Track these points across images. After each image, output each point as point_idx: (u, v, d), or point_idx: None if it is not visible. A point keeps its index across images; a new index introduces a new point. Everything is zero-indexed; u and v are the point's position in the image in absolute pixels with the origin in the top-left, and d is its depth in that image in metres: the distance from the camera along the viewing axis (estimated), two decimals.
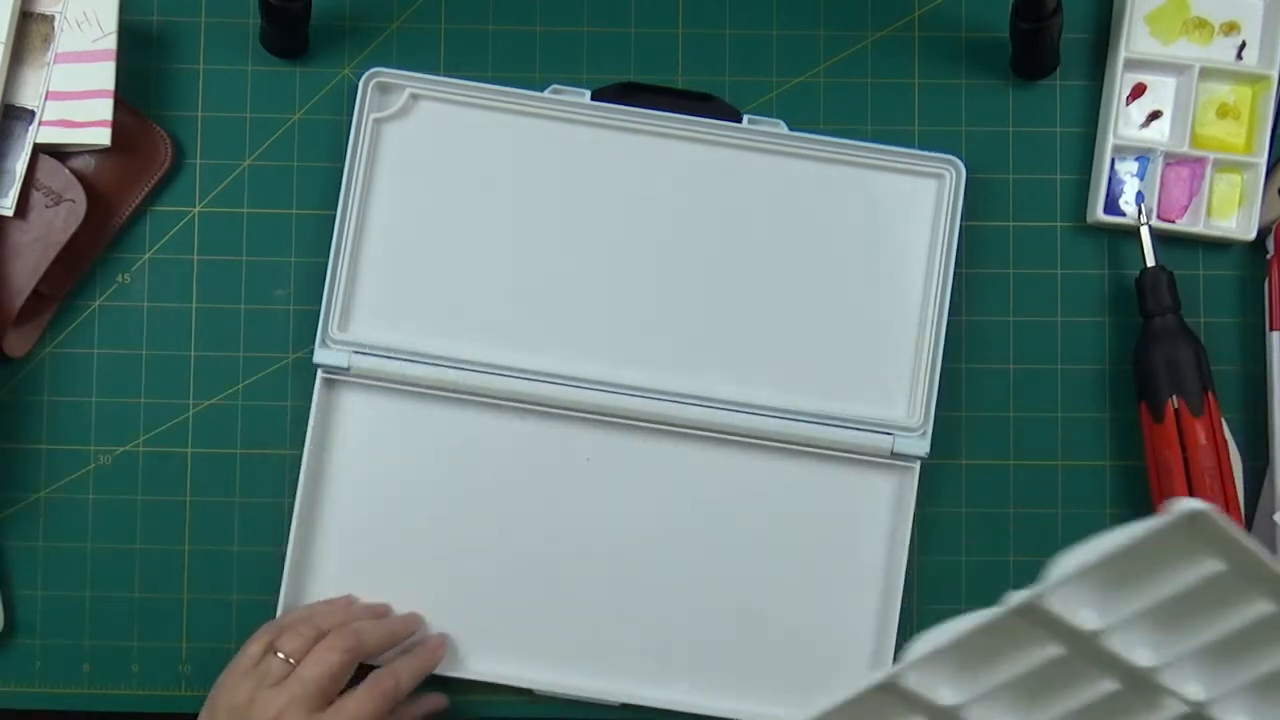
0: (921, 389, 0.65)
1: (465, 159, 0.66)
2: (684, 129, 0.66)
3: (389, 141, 0.66)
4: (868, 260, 0.66)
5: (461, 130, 0.66)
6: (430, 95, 0.66)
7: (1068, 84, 0.69)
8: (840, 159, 0.66)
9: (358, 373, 0.65)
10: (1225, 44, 0.68)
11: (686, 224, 0.66)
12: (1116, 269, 0.69)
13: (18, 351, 0.67)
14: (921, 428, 0.65)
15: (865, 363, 0.66)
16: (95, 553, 0.67)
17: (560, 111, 0.66)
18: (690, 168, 0.66)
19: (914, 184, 0.67)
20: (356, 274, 0.66)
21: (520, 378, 0.65)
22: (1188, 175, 0.68)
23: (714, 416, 0.65)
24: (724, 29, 0.69)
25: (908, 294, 0.66)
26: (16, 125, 0.65)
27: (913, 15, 0.69)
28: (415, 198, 0.66)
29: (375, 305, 0.66)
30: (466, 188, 0.66)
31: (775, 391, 0.66)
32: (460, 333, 0.66)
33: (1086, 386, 0.68)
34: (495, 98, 0.66)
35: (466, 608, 0.66)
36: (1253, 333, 0.68)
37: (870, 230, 0.66)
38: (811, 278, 0.66)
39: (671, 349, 0.66)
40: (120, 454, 0.68)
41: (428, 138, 0.66)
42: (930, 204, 0.66)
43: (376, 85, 0.66)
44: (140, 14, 0.68)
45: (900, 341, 0.66)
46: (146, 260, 0.68)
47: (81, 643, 0.67)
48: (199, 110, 0.69)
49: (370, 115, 0.65)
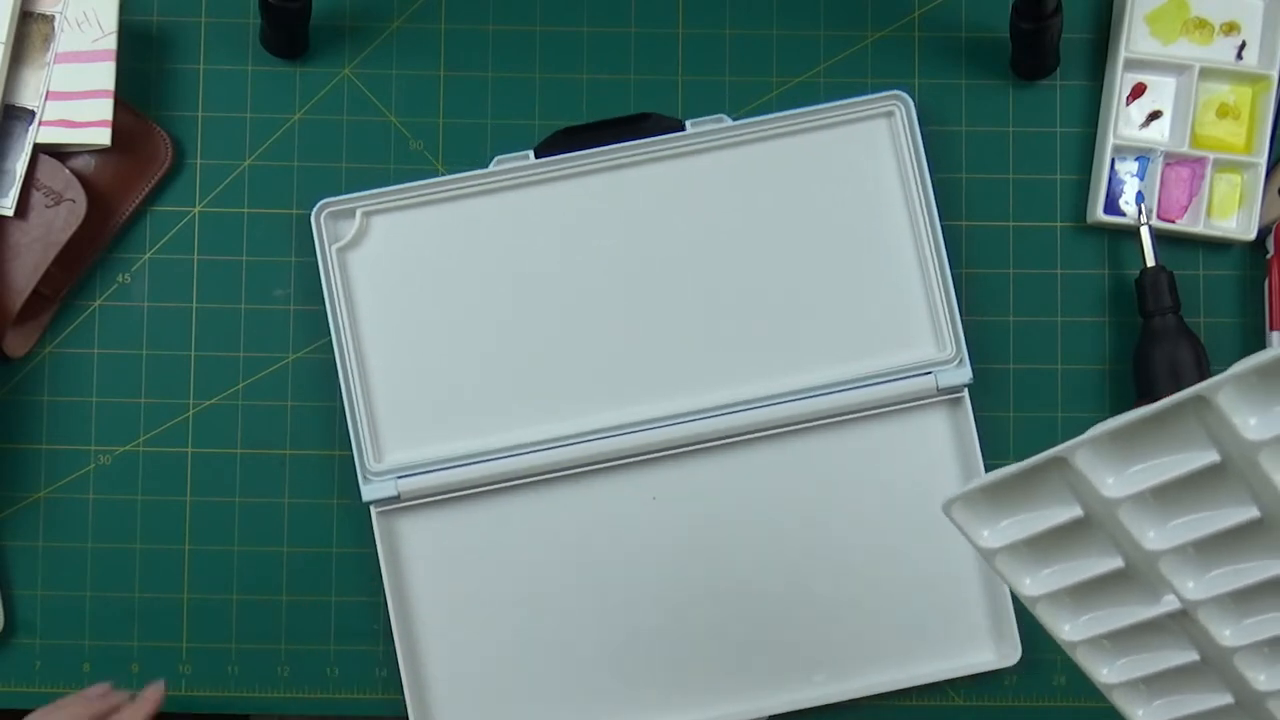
0: (944, 319, 0.65)
1: (433, 256, 0.66)
2: (631, 155, 0.66)
3: (357, 267, 0.66)
4: (846, 218, 0.66)
5: (421, 231, 0.66)
6: (382, 208, 0.66)
7: (1068, 84, 0.69)
8: (789, 130, 0.66)
9: (408, 496, 0.65)
10: (1225, 44, 0.68)
11: (664, 243, 0.66)
12: (1116, 269, 0.69)
13: (18, 351, 0.67)
14: (956, 356, 0.65)
15: (881, 314, 0.66)
16: (95, 553, 0.67)
17: (509, 181, 0.66)
18: (649, 189, 0.66)
19: (866, 130, 0.66)
20: (373, 405, 0.65)
21: (563, 445, 0.65)
22: (1188, 175, 0.68)
23: (759, 416, 0.65)
24: (724, 29, 0.69)
25: (897, 236, 0.66)
26: (16, 125, 0.65)
27: (913, 15, 0.69)
28: (399, 310, 0.66)
29: (400, 427, 0.66)
30: (444, 283, 0.66)
31: (808, 372, 0.66)
32: (489, 423, 0.66)
33: (1086, 386, 0.68)
34: (444, 189, 0.66)
35: (597, 679, 0.66)
36: (1253, 333, 0.68)
37: (839, 188, 0.66)
38: (799, 253, 0.66)
39: (694, 367, 0.66)
40: (120, 454, 0.68)
41: (392, 250, 0.66)
42: (888, 144, 0.66)
43: (329, 216, 0.65)
44: (140, 14, 0.68)
45: (906, 283, 0.66)
46: (146, 260, 0.68)
47: (81, 643, 0.67)
48: (199, 110, 0.69)
49: (332, 248, 0.65)
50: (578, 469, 0.65)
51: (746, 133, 0.66)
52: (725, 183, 0.66)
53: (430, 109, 0.69)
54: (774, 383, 0.66)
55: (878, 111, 0.66)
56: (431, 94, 0.69)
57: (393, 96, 0.69)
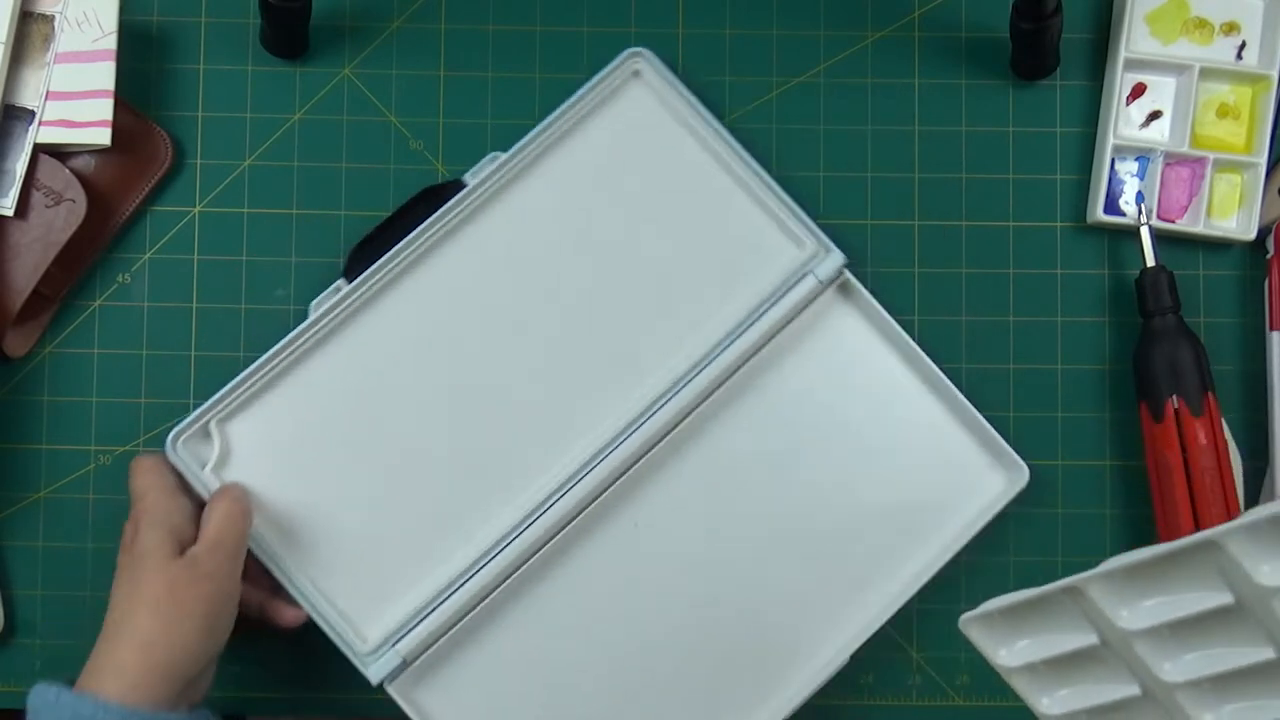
0: (789, 221, 0.66)
1: (309, 424, 0.65)
2: (435, 233, 0.65)
3: (242, 477, 0.64)
4: (659, 183, 0.67)
5: (282, 410, 0.64)
6: (230, 411, 0.64)
7: (1068, 84, 0.69)
8: (559, 138, 0.66)
9: (412, 655, 0.63)
10: (1225, 44, 0.68)
11: (516, 291, 0.66)
12: (1116, 269, 0.69)
13: (18, 351, 0.67)
14: (819, 247, 0.65)
15: (737, 249, 0.66)
16: (95, 553, 0.67)
17: (334, 321, 0.65)
18: (472, 253, 0.66)
19: (627, 99, 0.67)
20: (331, 595, 0.64)
21: (533, 519, 0.64)
22: (1188, 175, 0.68)
23: (693, 390, 0.65)
24: (724, 29, 0.69)
25: (709, 174, 0.66)
26: (16, 125, 0.65)
27: (913, 15, 0.69)
28: (307, 489, 0.64)
29: (367, 599, 0.64)
30: (332, 442, 0.65)
31: (705, 331, 0.66)
32: (449, 543, 0.64)
33: (1086, 386, 0.68)
34: (278, 363, 0.64)
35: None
36: (1253, 333, 0.69)
37: (637, 162, 0.67)
38: (639, 237, 0.66)
39: (606, 384, 0.65)
40: (120, 454, 0.68)
41: (265, 441, 0.64)
42: (653, 101, 0.67)
43: (185, 444, 0.64)
44: (140, 14, 0.68)
45: (740, 210, 0.66)
46: (146, 260, 0.68)
47: (82, 643, 0.67)
48: (199, 110, 0.69)
49: (206, 472, 0.63)
50: (559, 533, 0.65)
51: (520, 160, 0.66)
52: (536, 210, 0.66)
53: (430, 109, 0.69)
54: (684, 355, 0.65)
55: (625, 77, 0.67)
56: (431, 94, 0.69)
57: (393, 96, 0.69)
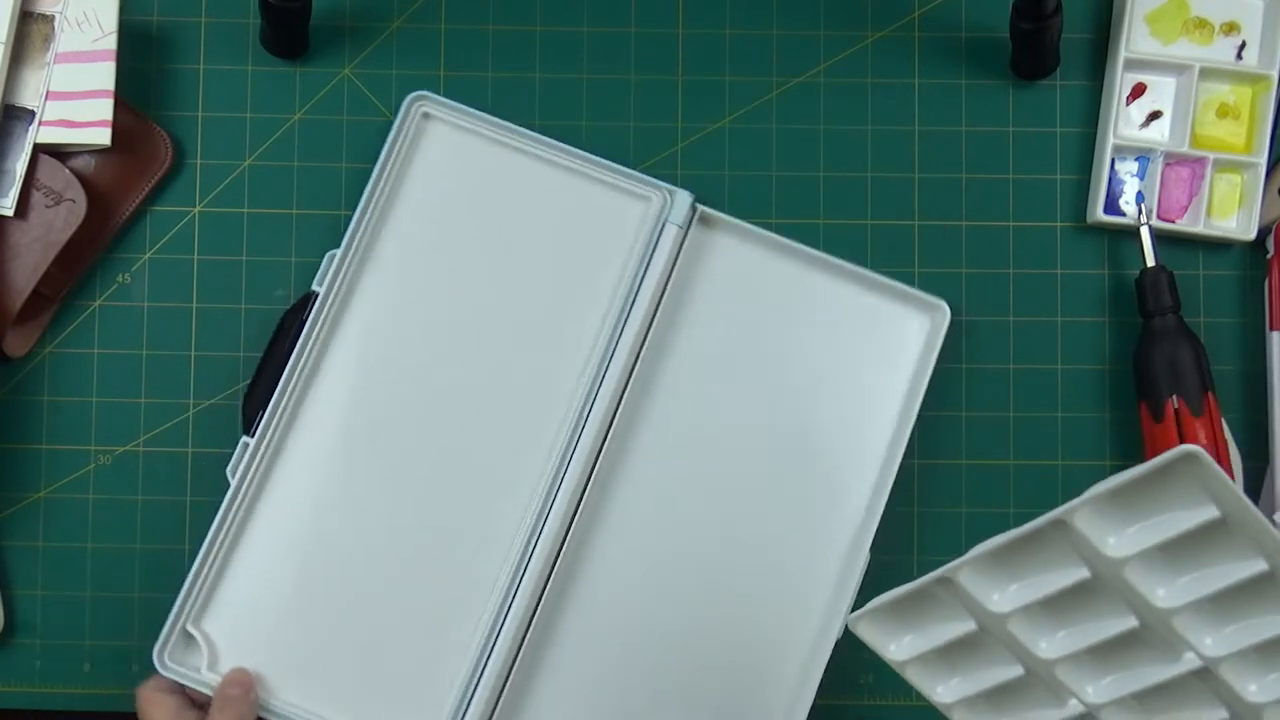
0: (625, 181, 0.66)
1: (278, 579, 0.64)
2: (312, 350, 0.65)
3: (238, 657, 0.63)
4: (490, 202, 0.66)
5: (239, 596, 0.64)
6: (196, 609, 0.63)
7: (1068, 84, 0.69)
8: (378, 202, 0.66)
9: None
10: (1225, 44, 0.68)
11: (417, 366, 0.65)
12: (1116, 269, 0.69)
13: (18, 351, 0.67)
14: (662, 194, 0.65)
15: (590, 226, 0.66)
16: (95, 553, 0.67)
17: (255, 476, 0.64)
18: (352, 351, 0.65)
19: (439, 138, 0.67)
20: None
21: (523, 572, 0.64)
22: (1188, 175, 0.68)
23: (614, 384, 0.65)
24: (724, 29, 0.69)
25: (534, 175, 0.66)
26: (16, 125, 0.65)
27: (913, 15, 0.69)
28: (305, 638, 0.64)
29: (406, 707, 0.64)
30: (312, 579, 0.64)
31: (600, 317, 0.65)
32: (461, 630, 0.64)
33: (1086, 386, 0.68)
34: (221, 540, 0.64)
35: None
36: (1253, 333, 0.69)
37: (461, 190, 0.67)
38: (502, 253, 0.66)
39: (525, 411, 0.65)
40: (120, 454, 0.68)
41: (241, 618, 0.64)
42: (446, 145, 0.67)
43: (171, 655, 0.63)
44: (140, 14, 0.68)
45: (579, 188, 0.66)
46: (146, 260, 0.68)
47: (81, 643, 0.67)
48: (199, 110, 0.69)
49: (205, 673, 0.62)
50: (548, 581, 0.64)
51: (356, 248, 0.65)
52: (398, 284, 0.66)
53: None
54: (594, 348, 0.65)
55: (418, 121, 0.67)
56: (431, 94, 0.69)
57: (393, 96, 0.69)
